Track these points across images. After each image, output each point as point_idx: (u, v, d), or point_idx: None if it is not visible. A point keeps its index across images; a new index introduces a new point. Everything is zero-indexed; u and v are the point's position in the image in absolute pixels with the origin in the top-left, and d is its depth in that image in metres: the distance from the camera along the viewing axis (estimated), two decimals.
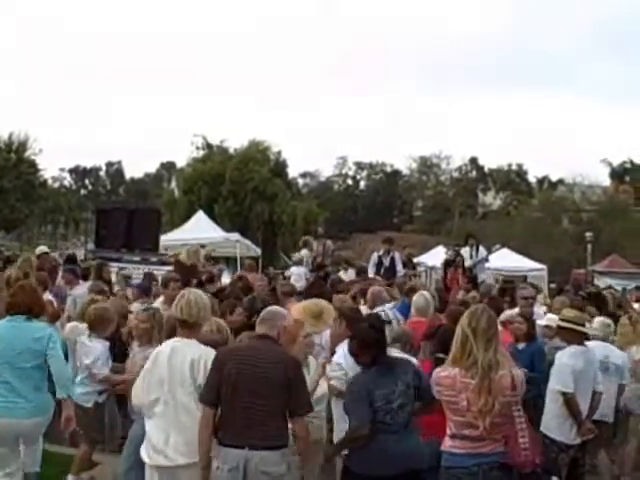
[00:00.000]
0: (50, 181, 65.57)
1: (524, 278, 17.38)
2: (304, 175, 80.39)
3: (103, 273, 10.03)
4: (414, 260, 15.89)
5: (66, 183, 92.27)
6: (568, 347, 5.97)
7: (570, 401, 5.74)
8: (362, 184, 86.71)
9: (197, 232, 19.76)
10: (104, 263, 10.67)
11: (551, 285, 19.14)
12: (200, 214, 24.12)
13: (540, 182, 74.32)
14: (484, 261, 13.23)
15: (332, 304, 6.79)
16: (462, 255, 12.73)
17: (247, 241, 23.12)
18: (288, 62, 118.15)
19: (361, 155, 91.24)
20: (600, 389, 6.00)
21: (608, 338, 7.08)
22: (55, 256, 14.21)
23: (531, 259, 23.46)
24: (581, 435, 5.82)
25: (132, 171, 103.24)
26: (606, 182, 60.69)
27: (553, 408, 5.83)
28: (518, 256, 22.68)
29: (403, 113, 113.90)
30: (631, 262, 28.20)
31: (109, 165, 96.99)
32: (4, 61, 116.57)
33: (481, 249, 13.33)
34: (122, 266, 12.56)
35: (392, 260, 12.71)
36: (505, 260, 19.38)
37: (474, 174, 78.55)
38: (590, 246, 30.86)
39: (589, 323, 7.33)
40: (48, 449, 6.34)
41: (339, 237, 49.73)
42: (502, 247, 17.35)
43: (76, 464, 6.06)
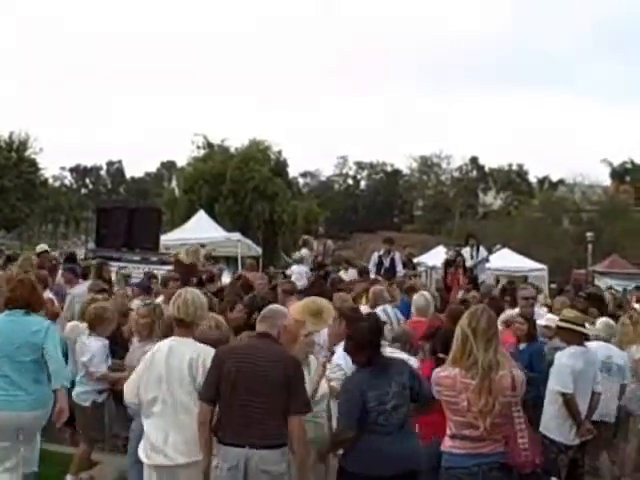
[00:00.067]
0: (51, 180, 65.55)
1: (524, 278, 17.36)
2: (304, 175, 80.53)
3: (103, 272, 10.04)
4: (414, 260, 15.90)
5: (67, 182, 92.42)
6: (567, 347, 5.96)
7: (569, 402, 5.74)
8: (362, 184, 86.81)
9: (198, 232, 19.71)
10: (104, 262, 10.67)
11: (552, 285, 19.17)
12: (201, 213, 24.09)
13: (541, 182, 74.34)
14: (484, 261, 13.23)
15: (333, 303, 6.80)
16: (463, 255, 12.73)
17: (248, 241, 23.09)
18: (288, 62, 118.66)
19: (361, 155, 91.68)
20: (599, 389, 5.99)
21: (611, 339, 7.07)
22: (55, 255, 14.22)
23: (532, 259, 23.42)
24: (580, 436, 5.82)
25: (132, 170, 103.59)
26: (607, 182, 60.85)
27: (552, 409, 5.83)
28: (519, 256, 22.65)
29: (403, 113, 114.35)
30: (632, 262, 28.17)
31: (110, 164, 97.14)
32: (4, 61, 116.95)
33: (482, 249, 13.33)
34: (122, 265, 12.57)
35: (392, 260, 12.72)
36: (506, 260, 19.37)
37: (475, 174, 78.56)
38: (591, 246, 30.86)
39: (590, 324, 7.35)
40: (48, 448, 6.34)
41: (339, 237, 49.78)
42: (503, 247, 17.29)
43: (75, 464, 6.05)
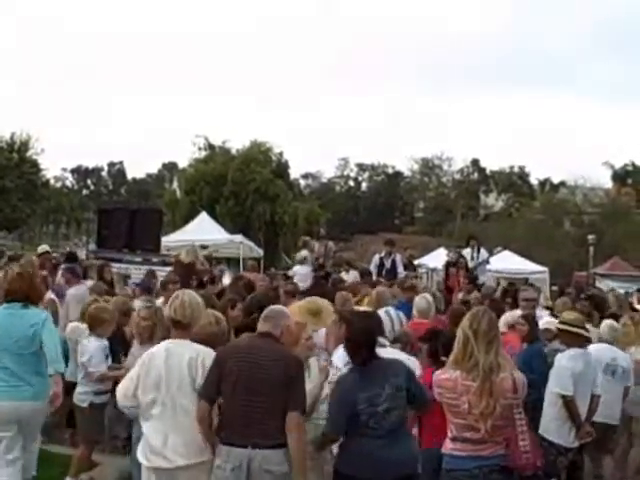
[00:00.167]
0: (52, 181, 65.54)
1: (525, 280, 17.38)
2: (306, 176, 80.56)
3: (104, 273, 10.04)
4: (415, 262, 15.89)
5: (68, 183, 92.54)
6: (567, 350, 5.95)
7: (569, 404, 5.73)
8: (364, 185, 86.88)
9: (200, 233, 19.70)
10: (105, 264, 10.68)
11: (553, 288, 19.12)
12: (203, 215, 24.08)
13: (542, 184, 74.33)
14: (485, 263, 13.24)
15: (335, 302, 6.80)
16: (465, 257, 12.73)
17: (250, 242, 23.10)
18: (288, 62, 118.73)
19: (361, 155, 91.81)
20: (598, 392, 5.98)
21: (614, 341, 7.05)
22: (56, 256, 14.20)
23: (533, 261, 23.39)
24: (579, 438, 5.81)
25: (134, 171, 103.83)
26: (608, 184, 60.79)
27: (552, 411, 5.81)
28: (520, 258, 22.61)
29: (403, 113, 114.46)
30: (633, 265, 28.17)
31: (111, 165, 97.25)
32: (4, 61, 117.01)
33: (482, 251, 13.35)
34: (124, 266, 12.57)
35: (393, 262, 12.73)
36: (507, 262, 19.37)
37: (476, 176, 78.58)
38: (592, 249, 30.88)
39: (595, 326, 7.35)
40: (48, 450, 6.35)
41: (341, 238, 49.79)
42: (504, 249, 17.30)
43: (74, 465, 6.02)
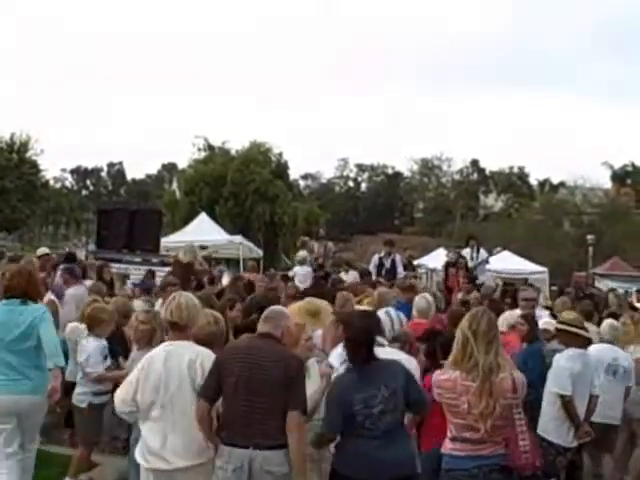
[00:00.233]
0: (52, 182, 65.49)
1: (525, 281, 17.37)
2: (305, 177, 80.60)
3: (104, 274, 10.04)
4: (415, 262, 15.90)
5: (67, 184, 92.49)
6: (566, 350, 5.95)
7: (568, 404, 5.73)
8: (363, 186, 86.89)
9: (200, 234, 19.67)
10: (104, 264, 10.68)
11: (552, 288, 19.12)
12: (203, 216, 24.05)
13: (541, 185, 74.35)
14: (485, 262, 13.25)
15: (335, 302, 6.80)
16: (464, 257, 12.74)
17: (250, 243, 23.11)
18: (288, 62, 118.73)
19: (361, 156, 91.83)
20: (597, 392, 5.99)
21: (615, 341, 7.05)
22: (55, 257, 14.19)
23: (532, 262, 23.36)
24: (578, 438, 5.82)
25: (133, 172, 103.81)
26: (607, 185, 60.80)
27: (550, 411, 5.82)
28: (519, 259, 22.59)
29: (403, 113, 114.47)
30: (632, 265, 28.15)
31: (110, 166, 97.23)
32: (4, 61, 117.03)
33: (482, 251, 13.36)
34: (123, 267, 12.58)
35: (393, 262, 12.75)
36: (506, 263, 19.35)
37: (475, 176, 78.60)
38: (591, 249, 30.87)
39: (596, 325, 7.35)
40: (48, 450, 6.35)
41: (340, 239, 49.83)
42: (503, 249, 17.30)
43: (73, 465, 6.01)
